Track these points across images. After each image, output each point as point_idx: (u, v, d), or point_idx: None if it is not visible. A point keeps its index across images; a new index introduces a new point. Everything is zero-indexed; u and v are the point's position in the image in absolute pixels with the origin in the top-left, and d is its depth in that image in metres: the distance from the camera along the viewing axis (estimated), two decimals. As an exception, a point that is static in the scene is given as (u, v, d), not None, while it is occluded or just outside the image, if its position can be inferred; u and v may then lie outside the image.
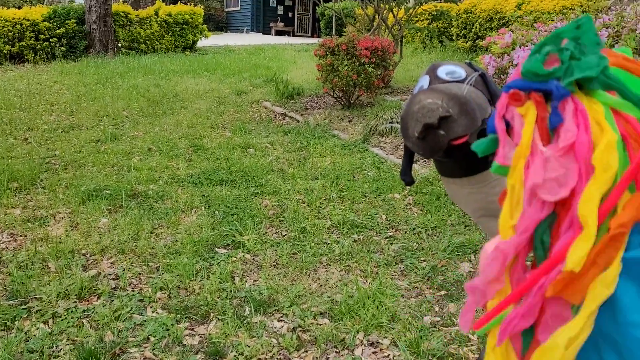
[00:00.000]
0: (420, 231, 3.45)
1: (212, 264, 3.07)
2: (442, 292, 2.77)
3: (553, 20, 3.63)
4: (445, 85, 0.64)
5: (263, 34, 21.46)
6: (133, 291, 2.80)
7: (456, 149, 0.65)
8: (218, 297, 2.75)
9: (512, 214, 0.43)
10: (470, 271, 2.96)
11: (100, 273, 2.95)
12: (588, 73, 0.42)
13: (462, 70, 0.68)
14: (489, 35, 4.07)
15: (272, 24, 21.91)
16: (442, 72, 0.68)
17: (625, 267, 0.38)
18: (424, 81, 0.70)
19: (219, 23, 23.18)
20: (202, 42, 13.88)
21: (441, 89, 0.62)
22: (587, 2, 7.41)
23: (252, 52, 12.60)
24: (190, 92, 7.86)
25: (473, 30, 9.83)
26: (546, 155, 0.41)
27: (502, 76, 3.62)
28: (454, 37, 10.35)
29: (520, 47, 3.49)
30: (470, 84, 0.65)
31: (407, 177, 0.75)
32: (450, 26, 10.36)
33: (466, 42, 10.00)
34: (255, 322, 2.55)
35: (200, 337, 2.45)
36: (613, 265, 0.38)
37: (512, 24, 6.84)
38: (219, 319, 2.58)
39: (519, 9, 8.20)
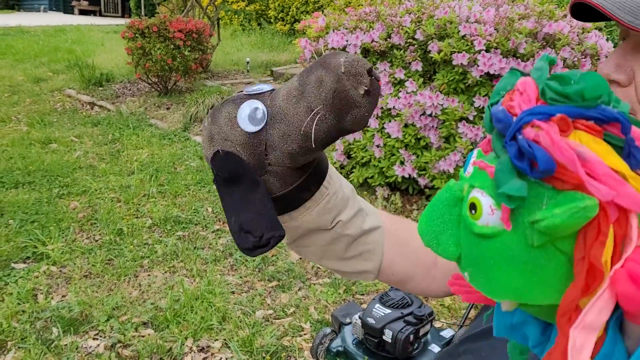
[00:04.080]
0: (248, 221, 3.34)
1: (8, 283, 2.62)
2: (274, 283, 2.70)
3: (362, 5, 3.74)
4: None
5: (64, 13, 19.38)
6: None
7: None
8: (17, 322, 2.35)
9: None
10: (300, 258, 2.94)
11: None
12: (627, 105, 0.34)
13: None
14: (304, 19, 4.08)
15: (74, 2, 19.85)
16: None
17: None
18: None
19: (9, 0, 20.34)
20: (-13, 22, 11.99)
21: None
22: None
23: (52, 34, 11.24)
24: (-27, 79, 6.71)
25: (290, 13, 9.95)
26: None
27: (318, 60, 3.64)
28: (272, 20, 10.38)
29: (333, 31, 3.54)
30: None
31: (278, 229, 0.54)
32: (267, 8, 10.36)
33: (284, 25, 10.10)
34: (65, 345, 2.21)
35: (-6, 374, 2.06)
36: None
37: (327, 7, 7.04)
38: (19, 347, 2.20)
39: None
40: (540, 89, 0.34)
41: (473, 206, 0.36)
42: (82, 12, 19.62)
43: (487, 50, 2.93)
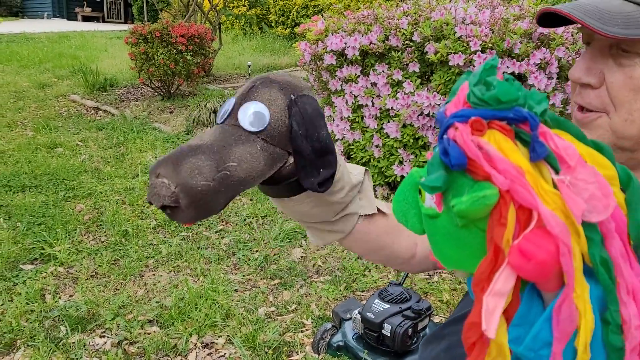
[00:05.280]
0: (251, 221, 3.41)
1: (17, 284, 2.68)
2: (276, 281, 2.76)
3: (360, 9, 3.80)
4: (195, 164, 0.51)
5: (68, 19, 19.51)
6: None
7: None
8: (26, 321, 2.41)
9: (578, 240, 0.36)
10: (302, 256, 3.00)
11: None
12: (544, 105, 0.39)
13: (267, 118, 0.55)
14: (304, 23, 4.15)
15: (77, 9, 19.99)
16: (243, 111, 0.56)
17: None
18: (228, 106, 0.57)
19: (13, 7, 20.48)
20: (-8, 29, 12.12)
21: (184, 171, 0.51)
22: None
23: (56, 40, 11.34)
24: (-21, 86, 6.80)
25: (291, 17, 10.03)
26: (568, 182, 0.36)
27: (318, 62, 3.70)
28: (273, 24, 10.46)
29: (332, 34, 3.60)
30: (244, 159, 0.54)
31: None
32: (268, 13, 10.45)
33: (285, 29, 10.18)
34: (73, 343, 2.28)
35: (5, 371, 2.12)
36: None
37: (326, 11, 7.11)
38: (28, 345, 2.26)
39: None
40: (467, 94, 0.40)
41: (420, 191, 0.43)
42: (85, 19, 19.76)
43: (482, 51, 2.98)
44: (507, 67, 2.93)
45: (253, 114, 0.55)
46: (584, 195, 0.36)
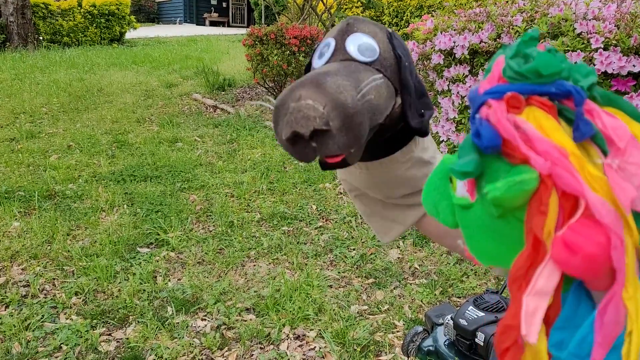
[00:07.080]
0: (350, 220, 3.43)
1: (133, 265, 2.93)
2: (370, 280, 2.75)
3: (472, 7, 3.67)
4: (336, 82, 0.47)
5: (197, 24, 20.94)
6: (45, 298, 2.62)
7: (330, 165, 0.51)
8: (138, 299, 2.62)
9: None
10: (398, 257, 2.96)
11: (8, 281, 2.75)
12: (591, 78, 0.35)
13: (377, 47, 0.54)
14: (413, 22, 4.09)
15: (206, 15, 21.41)
16: (351, 43, 0.54)
17: None
18: (329, 46, 0.55)
19: (150, 14, 22.41)
20: (131, 34, 13.36)
21: (330, 88, 0.46)
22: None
23: (184, 44, 12.24)
24: (116, 85, 7.52)
25: (404, 18, 9.94)
26: (616, 166, 0.33)
27: (425, 62, 3.63)
28: (386, 25, 10.44)
29: (441, 33, 3.51)
30: (374, 84, 0.50)
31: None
32: (382, 14, 10.44)
33: (398, 30, 10.10)
34: (177, 323, 2.44)
35: (117, 342, 2.32)
36: None
37: (437, 10, 6.95)
38: (138, 321, 2.46)
39: (447, -3, 8.33)
40: (502, 69, 0.36)
41: (451, 179, 0.40)
42: (212, 24, 21.10)
43: (605, 49, 2.74)
44: (634, 65, 2.67)
45: (364, 44, 0.53)
46: (634, 182, 0.32)
